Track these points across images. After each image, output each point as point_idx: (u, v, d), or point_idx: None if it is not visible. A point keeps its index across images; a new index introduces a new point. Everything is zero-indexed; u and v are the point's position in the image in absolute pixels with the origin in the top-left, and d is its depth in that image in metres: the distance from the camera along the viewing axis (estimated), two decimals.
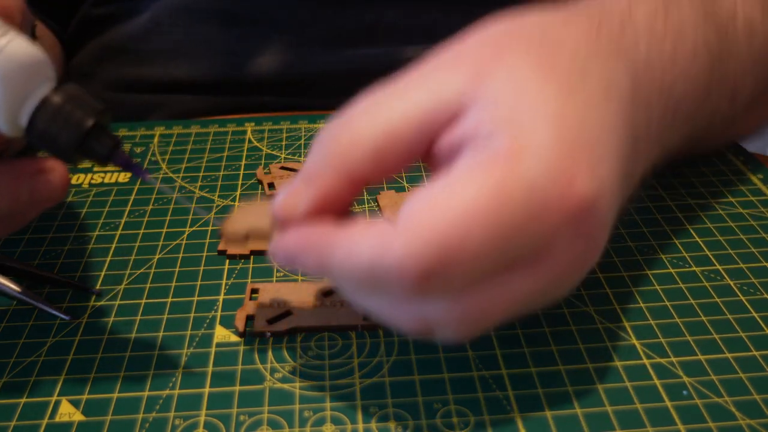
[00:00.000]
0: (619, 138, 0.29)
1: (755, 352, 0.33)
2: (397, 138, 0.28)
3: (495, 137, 0.26)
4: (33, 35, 0.30)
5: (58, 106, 0.28)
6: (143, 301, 0.37)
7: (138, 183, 0.46)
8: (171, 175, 0.47)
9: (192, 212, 0.38)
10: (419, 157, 0.29)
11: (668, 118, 0.34)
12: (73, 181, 0.46)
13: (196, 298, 0.37)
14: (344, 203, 0.29)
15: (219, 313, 0.36)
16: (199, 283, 0.38)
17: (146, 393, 0.32)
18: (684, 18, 0.35)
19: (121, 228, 0.42)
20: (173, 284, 0.38)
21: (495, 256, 0.26)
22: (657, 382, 0.32)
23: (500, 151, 0.26)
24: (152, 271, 0.39)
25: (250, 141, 0.51)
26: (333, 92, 0.56)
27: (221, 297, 0.37)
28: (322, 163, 0.28)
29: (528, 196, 0.25)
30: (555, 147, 0.26)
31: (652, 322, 0.35)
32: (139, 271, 0.39)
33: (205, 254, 0.40)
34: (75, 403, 0.31)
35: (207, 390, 0.32)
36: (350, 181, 0.28)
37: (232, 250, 0.39)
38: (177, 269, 0.39)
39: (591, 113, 0.28)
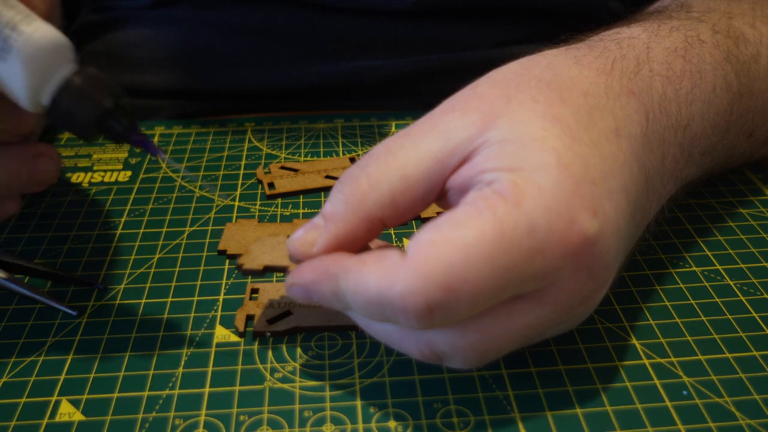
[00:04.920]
0: (630, 174, 0.30)
1: (755, 352, 0.33)
2: (412, 182, 0.29)
3: (498, 180, 0.27)
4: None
5: (79, 87, 0.30)
6: (143, 301, 0.37)
7: (138, 183, 0.46)
8: (171, 174, 0.47)
9: (198, 188, 0.38)
10: (434, 200, 0.30)
11: (684, 155, 0.34)
12: (73, 180, 0.46)
13: (196, 298, 0.37)
14: (360, 245, 0.30)
15: (219, 313, 0.36)
16: (199, 283, 0.38)
17: (146, 393, 0.32)
18: (705, 57, 0.36)
19: (121, 227, 0.42)
20: (173, 284, 0.38)
21: (496, 291, 0.26)
22: (657, 382, 0.32)
23: (502, 193, 0.27)
24: (152, 271, 0.39)
25: (250, 141, 0.51)
26: (332, 103, 0.56)
27: (221, 297, 0.37)
28: (341, 205, 0.29)
29: (528, 235, 0.26)
30: (555, 188, 0.27)
31: (652, 322, 0.35)
32: (139, 271, 0.39)
33: (205, 254, 0.40)
34: (75, 403, 0.31)
35: (207, 390, 0.32)
36: (367, 223, 0.29)
37: (233, 250, 0.39)
38: (177, 269, 0.39)
39: (597, 152, 0.28)
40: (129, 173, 0.47)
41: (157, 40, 0.56)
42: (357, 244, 0.30)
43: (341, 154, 0.49)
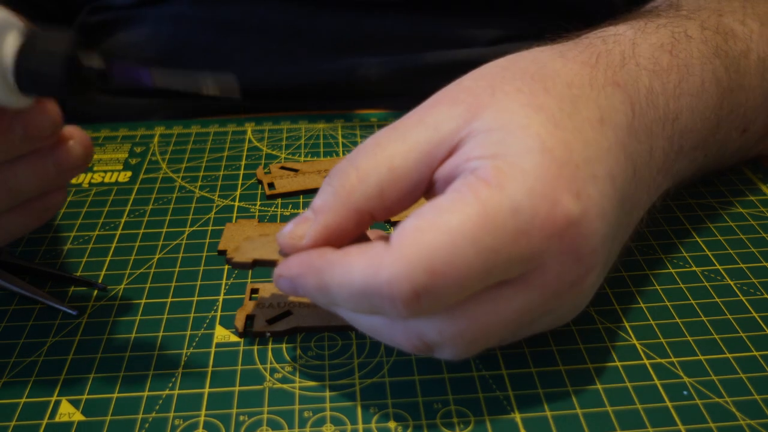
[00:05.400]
0: (616, 161, 0.30)
1: (755, 352, 0.33)
2: (400, 174, 0.29)
3: (482, 167, 0.27)
4: None
5: (34, 45, 0.28)
6: (143, 301, 0.37)
7: (138, 183, 0.46)
8: (171, 174, 0.47)
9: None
10: (422, 193, 0.30)
11: (674, 148, 0.34)
12: (73, 181, 0.46)
13: (196, 298, 0.37)
14: (349, 238, 0.30)
15: (219, 313, 0.36)
16: (199, 283, 0.38)
17: (146, 393, 0.32)
18: (692, 52, 0.36)
19: (121, 228, 0.42)
20: (173, 284, 0.38)
21: (483, 273, 0.26)
22: (657, 382, 0.32)
23: (486, 178, 0.27)
24: (152, 271, 0.39)
25: (250, 141, 0.51)
26: (333, 100, 0.56)
27: (221, 297, 0.37)
28: (330, 197, 0.29)
29: (513, 216, 0.26)
30: (538, 171, 0.27)
31: (652, 322, 0.35)
32: (139, 271, 0.39)
33: (205, 254, 0.40)
34: (75, 403, 0.31)
35: (207, 390, 0.32)
36: (357, 216, 0.29)
37: (232, 250, 0.39)
38: (177, 269, 0.39)
39: (581, 138, 0.29)
40: (129, 174, 0.47)
41: (156, 40, 0.56)
42: (346, 237, 0.30)
43: (341, 154, 0.49)
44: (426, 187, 0.29)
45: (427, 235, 0.26)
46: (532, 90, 0.30)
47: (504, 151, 0.27)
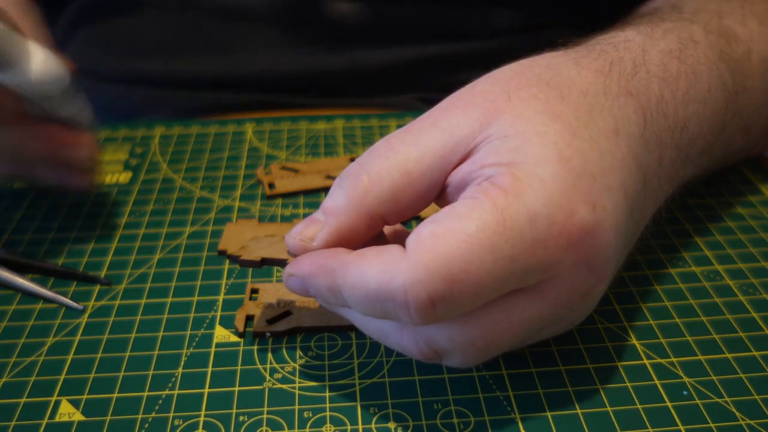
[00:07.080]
0: (628, 172, 0.30)
1: (755, 352, 0.33)
2: (414, 179, 0.29)
3: (498, 174, 0.27)
4: None
5: None
6: (143, 301, 0.37)
7: (138, 184, 0.46)
8: (172, 175, 0.47)
9: None
10: (434, 197, 0.30)
11: (681, 156, 0.34)
12: None
13: (196, 298, 0.37)
14: (360, 242, 0.30)
15: (219, 313, 0.36)
16: (199, 283, 0.38)
17: (146, 393, 0.32)
18: (699, 58, 0.36)
19: (121, 228, 0.42)
20: (173, 284, 0.38)
21: (499, 282, 0.26)
22: (657, 382, 0.32)
23: (502, 186, 0.27)
24: (152, 271, 0.39)
25: (250, 141, 0.51)
26: (335, 91, 0.56)
27: (221, 297, 0.37)
28: (342, 200, 0.29)
29: (530, 225, 0.26)
30: (556, 180, 0.27)
31: (652, 322, 0.35)
32: (139, 271, 0.39)
33: (205, 254, 0.40)
34: (75, 403, 0.31)
35: (207, 390, 0.32)
36: (369, 219, 0.29)
37: (233, 250, 0.39)
38: (177, 269, 0.39)
39: (597, 148, 0.29)
40: (129, 174, 0.47)
41: (159, 27, 0.56)
42: (357, 240, 0.30)
43: (341, 154, 0.49)
44: (439, 191, 0.29)
45: (445, 242, 0.26)
46: (548, 97, 0.29)
47: (521, 159, 0.27)
